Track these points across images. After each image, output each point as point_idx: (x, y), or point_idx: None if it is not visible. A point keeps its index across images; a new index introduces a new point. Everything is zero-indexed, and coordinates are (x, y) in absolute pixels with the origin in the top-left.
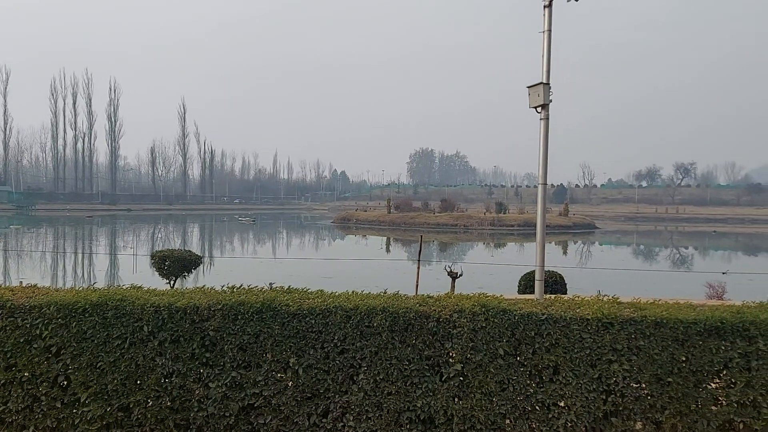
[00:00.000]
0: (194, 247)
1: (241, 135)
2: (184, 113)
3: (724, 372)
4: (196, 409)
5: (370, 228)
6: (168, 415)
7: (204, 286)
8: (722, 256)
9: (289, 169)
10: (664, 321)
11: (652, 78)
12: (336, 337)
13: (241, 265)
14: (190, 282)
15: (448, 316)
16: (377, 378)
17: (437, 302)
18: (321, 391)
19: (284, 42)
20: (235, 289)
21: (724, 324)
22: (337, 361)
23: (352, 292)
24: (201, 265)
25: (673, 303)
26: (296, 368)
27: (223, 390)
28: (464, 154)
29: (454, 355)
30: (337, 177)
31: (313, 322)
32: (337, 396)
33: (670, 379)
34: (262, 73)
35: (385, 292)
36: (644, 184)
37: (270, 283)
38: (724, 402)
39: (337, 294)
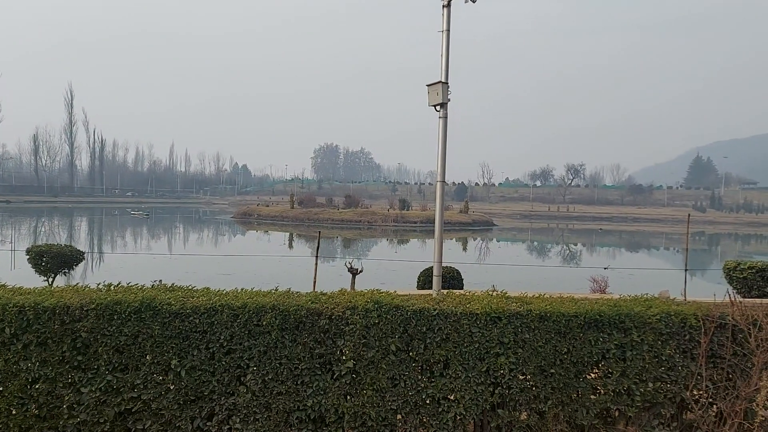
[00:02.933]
0: (81, 242)
1: (135, 124)
2: (72, 99)
3: (602, 362)
4: (66, 416)
5: (273, 223)
6: (34, 423)
7: (78, 284)
8: (607, 252)
9: (187, 161)
10: (548, 314)
11: (549, 81)
12: (222, 337)
13: (133, 262)
14: (76, 280)
15: (340, 313)
16: (266, 378)
17: (330, 299)
18: (205, 393)
19: (179, 29)
20: (111, 287)
21: (602, 317)
22: (224, 362)
23: (242, 289)
24: (85, 262)
25: (557, 297)
26: (178, 370)
27: (97, 395)
28: (369, 150)
29: (346, 352)
30: (239, 171)
31: (197, 321)
32: (222, 398)
33: (553, 371)
34: (156, 61)
35: (276, 290)
36: (539, 183)
37: (153, 281)
38: (602, 391)
39: (224, 292)
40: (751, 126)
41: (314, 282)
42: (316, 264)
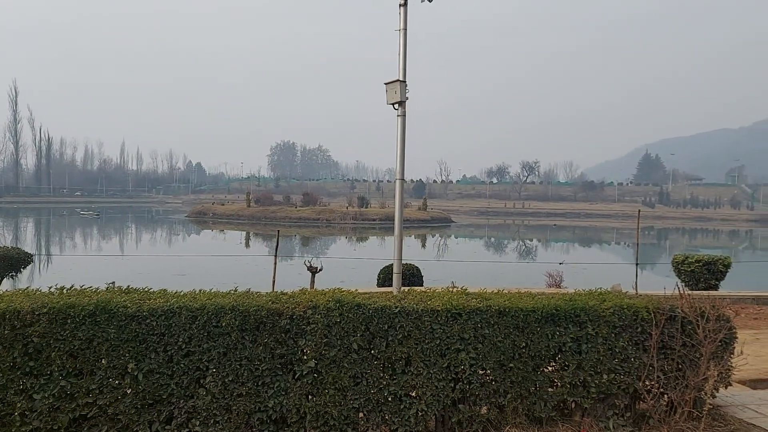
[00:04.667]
0: (28, 243)
1: (84, 122)
2: (16, 96)
3: (559, 356)
4: (18, 424)
5: (229, 222)
6: None
7: (28, 288)
8: (561, 247)
9: (139, 159)
10: (507, 310)
11: (505, 81)
12: (180, 339)
13: (84, 264)
14: (24, 283)
15: (301, 313)
16: (226, 380)
17: (291, 299)
18: (164, 397)
19: (126, 28)
20: (64, 291)
21: (558, 311)
22: (182, 365)
23: (200, 290)
24: (33, 264)
25: (515, 292)
26: (135, 374)
27: (51, 401)
28: (327, 148)
29: (308, 352)
30: (193, 169)
31: (154, 324)
32: (181, 401)
33: (512, 365)
34: (103, 59)
35: (235, 290)
36: (495, 180)
37: (108, 283)
38: (558, 383)
39: (182, 293)
40: (695, 124)
41: (273, 281)
42: (275, 263)
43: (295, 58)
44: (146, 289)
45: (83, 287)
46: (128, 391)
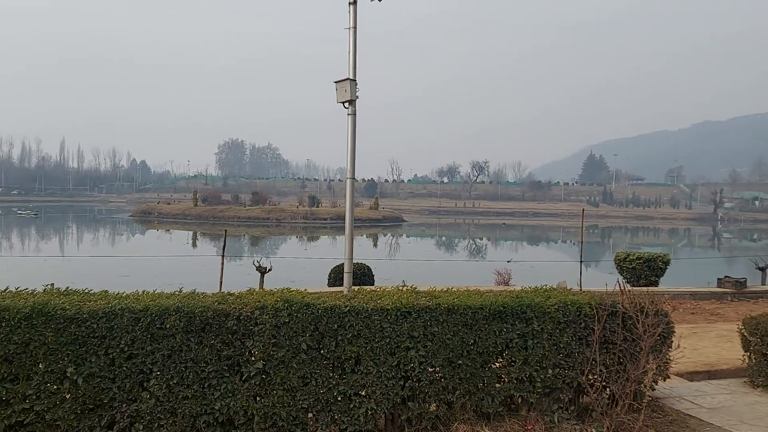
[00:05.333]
0: None
1: (20, 118)
2: None
3: (506, 352)
4: None
5: (175, 222)
6: None
7: None
8: (510, 245)
9: (80, 157)
10: (456, 308)
11: (455, 81)
12: (123, 342)
13: (21, 266)
14: None
15: (249, 314)
16: (171, 383)
17: (238, 299)
18: (105, 401)
19: (67, 21)
20: None
21: (505, 308)
22: (125, 368)
23: (143, 291)
24: None
25: (464, 290)
26: (75, 378)
27: None
28: (276, 146)
29: (255, 352)
30: (137, 167)
31: (95, 326)
32: (124, 405)
33: (460, 362)
34: (44, 54)
35: (180, 291)
36: (446, 180)
37: (46, 285)
38: (505, 379)
39: (124, 295)
40: (637, 126)
41: (221, 282)
42: (223, 263)
43: (244, 54)
44: (87, 291)
45: (19, 289)
46: (67, 396)
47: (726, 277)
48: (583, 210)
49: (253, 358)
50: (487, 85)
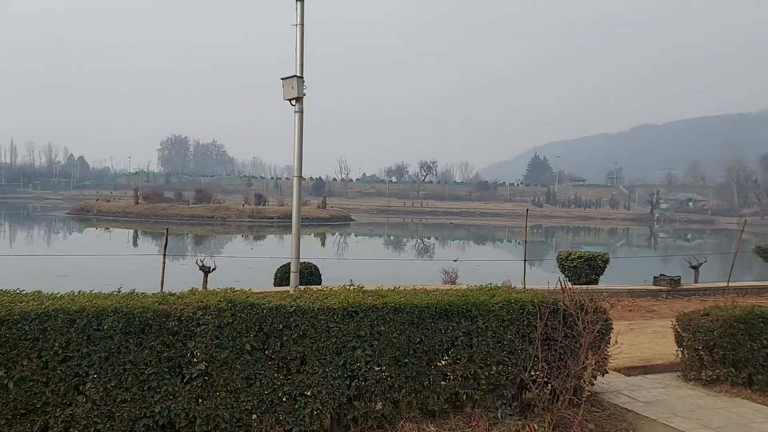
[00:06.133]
0: None
1: None
2: None
3: (452, 350)
4: None
5: (115, 220)
6: None
7: None
8: (457, 245)
9: (13, 152)
10: (402, 307)
11: (405, 83)
12: (57, 344)
13: None
14: None
15: (191, 314)
16: (108, 386)
17: (180, 300)
18: (38, 406)
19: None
20: None
21: (451, 307)
22: (59, 371)
23: (79, 291)
24: None
25: (411, 289)
26: (5, 382)
27: None
28: (222, 143)
29: (198, 354)
30: (75, 163)
31: (26, 328)
32: (58, 409)
33: (406, 360)
34: None
35: (119, 291)
36: (394, 179)
37: None
38: (451, 377)
39: (59, 295)
40: (579, 129)
41: (162, 282)
42: (164, 263)
43: (189, 49)
44: (18, 291)
45: None
46: None
47: (661, 275)
48: (528, 210)
49: (195, 360)
50: (434, 85)
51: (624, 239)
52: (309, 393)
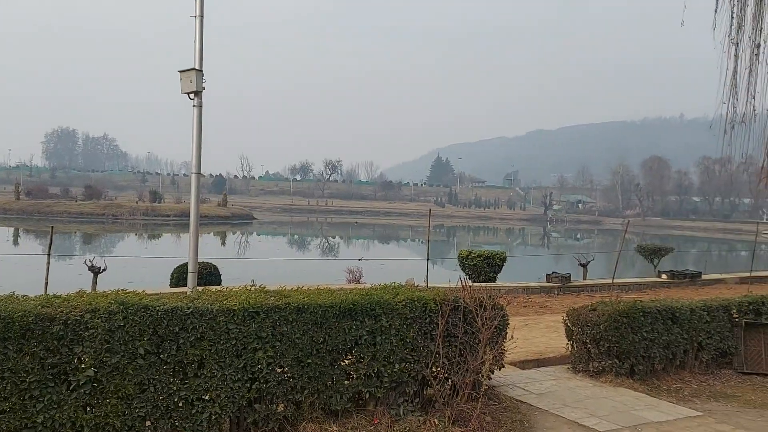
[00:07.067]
0: None
1: None
2: None
3: (355, 349)
4: None
5: None
6: None
7: None
8: (362, 244)
9: None
10: (306, 306)
11: (309, 80)
12: None
13: None
14: None
15: (78, 317)
16: None
17: (65, 302)
18: None
19: None
20: None
21: (355, 306)
22: None
23: None
24: None
25: (315, 289)
26: None
27: None
28: (114, 137)
29: (86, 359)
30: None
31: None
32: None
33: (309, 361)
34: None
35: None
36: (298, 177)
37: None
38: (354, 376)
39: None
40: (479, 132)
41: (46, 283)
42: (49, 263)
43: (83, 35)
44: None
45: None
46: None
47: (553, 273)
48: (430, 210)
49: (83, 366)
50: (337, 86)
51: (520, 238)
52: (207, 397)
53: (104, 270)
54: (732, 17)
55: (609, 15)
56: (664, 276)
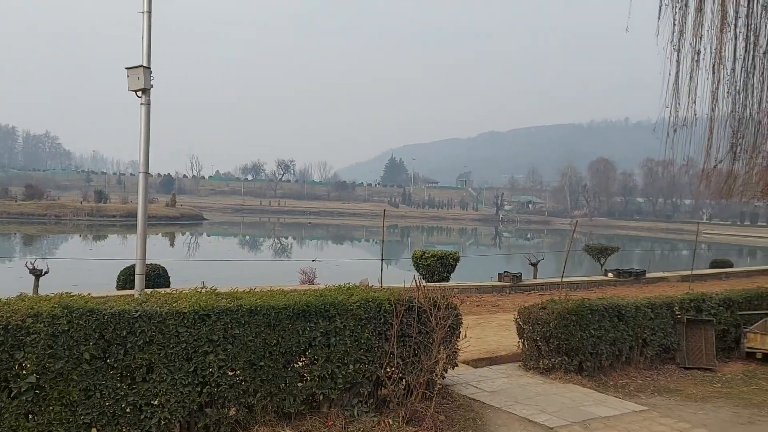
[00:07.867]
0: None
1: None
2: None
3: (309, 351)
4: None
5: None
6: None
7: None
8: (315, 244)
9: None
10: (258, 308)
11: (263, 80)
12: None
13: None
14: None
15: (19, 322)
16: None
17: (5, 306)
18: None
19: None
20: None
21: (309, 307)
22: None
23: None
24: None
25: (267, 290)
26: None
27: None
28: (56, 135)
29: (28, 365)
30: None
31: None
32: None
33: (262, 363)
34: None
35: None
36: (250, 177)
37: None
38: (308, 378)
39: None
40: (432, 133)
41: None
42: None
43: (25, 29)
44: None
45: None
46: None
47: (505, 272)
48: (384, 210)
49: (24, 372)
50: (291, 82)
51: (473, 238)
52: (156, 402)
53: (46, 273)
54: (674, 24)
55: (557, 22)
56: (610, 274)
